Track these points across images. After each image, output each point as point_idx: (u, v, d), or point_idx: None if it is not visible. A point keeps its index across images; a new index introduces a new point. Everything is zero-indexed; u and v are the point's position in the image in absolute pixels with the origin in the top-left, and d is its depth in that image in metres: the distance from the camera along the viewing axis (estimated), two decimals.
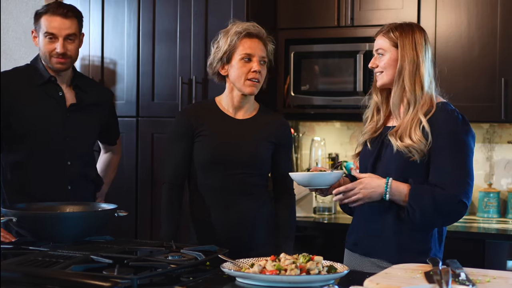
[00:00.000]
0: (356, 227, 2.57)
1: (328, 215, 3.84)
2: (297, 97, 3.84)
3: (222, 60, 2.74)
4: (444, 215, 2.38)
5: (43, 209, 2.57)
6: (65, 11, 2.95)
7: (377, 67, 2.50)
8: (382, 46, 2.48)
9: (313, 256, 2.02)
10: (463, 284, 1.84)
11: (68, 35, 2.94)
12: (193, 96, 3.76)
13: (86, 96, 3.05)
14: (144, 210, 3.89)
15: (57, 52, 2.92)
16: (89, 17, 4.02)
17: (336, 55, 3.79)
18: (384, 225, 2.44)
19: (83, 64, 4.04)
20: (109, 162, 3.35)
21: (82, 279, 1.80)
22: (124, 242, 2.39)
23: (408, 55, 2.43)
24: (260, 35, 2.74)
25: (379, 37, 2.50)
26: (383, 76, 2.48)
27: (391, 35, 2.46)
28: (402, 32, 2.46)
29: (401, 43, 2.44)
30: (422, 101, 2.42)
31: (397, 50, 2.45)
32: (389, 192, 2.36)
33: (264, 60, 2.74)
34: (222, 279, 2.02)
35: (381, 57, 2.49)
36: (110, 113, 3.22)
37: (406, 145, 2.37)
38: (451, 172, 2.35)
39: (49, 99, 2.97)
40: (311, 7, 3.84)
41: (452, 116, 2.41)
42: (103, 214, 2.50)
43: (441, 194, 2.33)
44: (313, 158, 4.04)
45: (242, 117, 2.79)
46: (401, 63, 2.43)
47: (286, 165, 2.84)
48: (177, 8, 3.82)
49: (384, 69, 2.47)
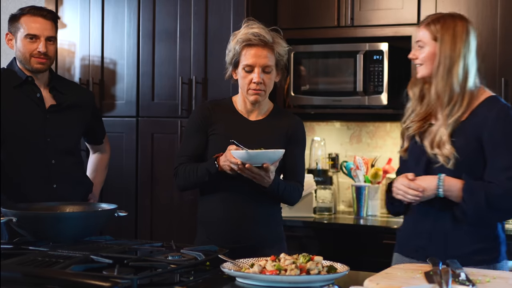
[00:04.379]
0: (417, 233, 2.46)
1: (328, 215, 3.84)
2: (297, 97, 3.84)
3: (231, 65, 2.74)
4: (498, 211, 2.34)
5: (43, 209, 2.57)
6: (45, 13, 3.02)
7: (416, 59, 2.44)
8: (422, 39, 2.42)
9: (313, 256, 2.02)
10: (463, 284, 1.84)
11: (49, 36, 3.00)
12: (193, 96, 3.76)
13: (65, 98, 3.07)
14: (144, 210, 3.89)
15: (39, 51, 2.96)
16: (89, 17, 4.02)
17: (336, 55, 3.78)
18: (453, 234, 2.38)
19: (83, 64, 4.04)
20: (98, 162, 3.36)
21: (82, 279, 1.80)
22: (124, 242, 2.38)
23: (445, 51, 2.37)
24: (263, 43, 2.67)
25: (421, 29, 2.43)
26: (423, 69, 2.42)
27: (431, 28, 2.39)
28: (444, 25, 2.38)
29: (441, 38, 2.38)
30: (460, 98, 2.37)
31: (436, 44, 2.39)
32: (442, 187, 2.32)
33: (269, 69, 2.69)
34: (222, 279, 2.02)
35: (421, 49, 2.42)
36: (92, 113, 3.23)
37: (440, 154, 2.35)
38: (506, 168, 2.31)
39: (27, 100, 2.99)
40: (311, 7, 3.84)
41: (504, 111, 2.36)
42: (103, 214, 2.50)
43: (496, 189, 2.30)
44: (313, 158, 4.04)
45: (255, 118, 2.78)
46: (438, 58, 2.38)
47: (299, 161, 2.81)
48: (177, 8, 3.82)
49: (423, 62, 2.41)
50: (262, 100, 2.74)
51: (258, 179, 2.58)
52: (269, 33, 2.70)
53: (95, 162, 3.36)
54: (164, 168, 3.82)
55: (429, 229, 2.42)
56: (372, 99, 3.67)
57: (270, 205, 2.79)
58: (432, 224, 2.41)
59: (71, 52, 4.09)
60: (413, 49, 2.47)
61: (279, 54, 2.72)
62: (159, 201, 3.87)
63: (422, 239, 2.43)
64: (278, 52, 2.72)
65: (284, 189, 2.68)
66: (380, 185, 3.90)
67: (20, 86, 3.00)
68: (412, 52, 2.47)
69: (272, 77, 2.72)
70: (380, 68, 3.65)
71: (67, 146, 3.06)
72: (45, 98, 3.03)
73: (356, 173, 3.91)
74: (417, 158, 2.46)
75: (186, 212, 3.75)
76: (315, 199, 3.85)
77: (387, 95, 3.65)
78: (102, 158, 3.37)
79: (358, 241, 3.54)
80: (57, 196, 2.92)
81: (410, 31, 3.65)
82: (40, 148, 2.98)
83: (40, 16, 2.98)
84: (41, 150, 2.98)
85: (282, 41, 2.75)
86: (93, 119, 3.23)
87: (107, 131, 3.41)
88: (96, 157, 3.37)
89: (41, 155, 2.98)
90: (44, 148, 2.98)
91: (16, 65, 3.03)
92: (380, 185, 3.90)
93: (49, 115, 3.01)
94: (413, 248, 2.45)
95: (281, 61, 2.75)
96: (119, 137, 3.92)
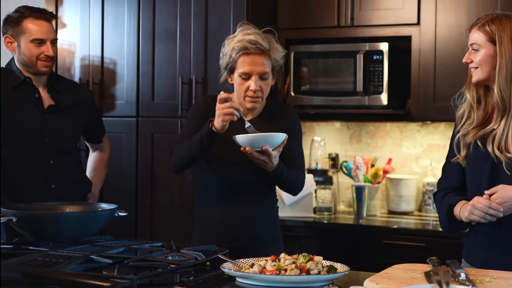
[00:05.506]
0: (488, 242, 2.34)
1: (328, 215, 3.84)
2: (297, 97, 3.84)
3: (226, 70, 2.72)
4: None
5: (43, 209, 2.57)
6: (47, 16, 3.03)
7: (471, 62, 2.34)
8: (476, 41, 2.31)
9: (313, 256, 2.02)
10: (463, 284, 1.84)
11: (53, 39, 3.02)
12: (193, 96, 3.75)
13: (64, 98, 3.08)
14: (144, 210, 3.89)
15: (46, 55, 2.98)
16: (89, 17, 4.02)
17: (336, 55, 3.78)
18: None
19: (83, 64, 4.04)
20: (97, 161, 3.36)
21: (82, 279, 1.80)
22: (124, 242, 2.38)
23: (506, 53, 2.26)
24: (259, 51, 2.64)
25: (474, 31, 2.33)
26: (479, 73, 2.32)
27: (487, 29, 2.29)
28: (500, 26, 2.28)
29: (499, 39, 2.27)
30: None
31: (493, 46, 2.28)
32: None
33: (266, 75, 2.67)
34: (222, 279, 2.02)
35: (475, 52, 2.32)
36: (92, 112, 3.23)
37: (505, 158, 2.26)
38: None
39: (26, 100, 2.99)
40: (311, 7, 3.83)
41: None
42: (103, 214, 2.50)
43: None
44: (313, 158, 4.04)
45: (251, 117, 2.77)
46: (500, 60, 2.27)
47: (297, 152, 2.80)
48: (177, 8, 3.82)
49: (479, 65, 2.31)
50: (257, 107, 2.73)
51: (261, 163, 2.57)
52: (265, 38, 2.67)
53: (94, 161, 3.36)
54: (164, 168, 3.82)
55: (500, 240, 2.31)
56: (372, 99, 3.67)
57: (268, 204, 2.79)
58: None
59: (71, 52, 4.09)
60: (467, 53, 2.36)
61: (275, 60, 2.70)
62: (159, 201, 3.87)
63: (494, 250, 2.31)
64: (275, 58, 2.69)
65: (288, 175, 2.67)
66: (380, 185, 3.90)
67: (18, 87, 3.00)
68: (466, 55, 2.36)
69: (269, 83, 2.70)
70: (380, 68, 3.65)
71: (66, 146, 3.06)
72: (44, 98, 3.04)
73: (356, 173, 3.91)
74: (480, 164, 2.34)
75: (186, 212, 3.74)
76: (315, 199, 3.85)
77: (387, 95, 3.65)
78: (102, 157, 3.37)
79: (358, 241, 3.54)
80: (56, 196, 2.92)
81: (410, 31, 3.65)
82: (38, 149, 2.98)
83: (43, 20, 2.99)
84: (39, 150, 2.98)
85: (278, 45, 2.73)
86: (93, 119, 3.24)
87: (107, 131, 3.42)
88: (95, 155, 3.37)
89: (39, 155, 2.98)
90: (42, 148, 2.98)
91: (14, 65, 3.03)
92: (380, 185, 3.90)
93: (48, 116, 3.01)
94: (481, 259, 2.33)
95: (277, 66, 2.72)
96: (119, 137, 3.92)
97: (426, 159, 3.96)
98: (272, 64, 2.69)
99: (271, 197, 2.82)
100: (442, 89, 3.59)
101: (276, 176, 2.63)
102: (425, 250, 3.33)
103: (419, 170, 4.00)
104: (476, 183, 2.35)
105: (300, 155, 2.82)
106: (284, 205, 3.65)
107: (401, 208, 3.88)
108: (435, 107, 3.61)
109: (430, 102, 3.62)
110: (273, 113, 2.80)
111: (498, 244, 2.30)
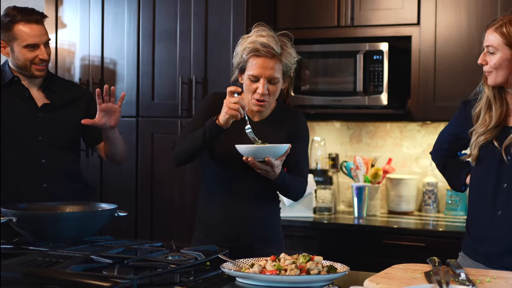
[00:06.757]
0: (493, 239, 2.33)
1: (328, 215, 3.84)
2: (297, 97, 3.84)
3: (238, 69, 2.69)
4: None
5: (43, 209, 2.57)
6: (38, 17, 2.96)
7: (486, 65, 2.28)
8: (493, 43, 2.24)
9: (313, 256, 2.02)
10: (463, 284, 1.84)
11: (47, 40, 2.99)
12: (193, 96, 3.75)
13: (58, 96, 3.06)
14: (144, 210, 3.89)
15: (40, 59, 2.95)
16: (89, 17, 4.02)
17: (336, 55, 3.78)
18: None
19: (83, 64, 4.04)
20: None
21: (82, 279, 1.80)
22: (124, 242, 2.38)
23: None
24: (270, 55, 2.58)
25: (490, 32, 2.26)
26: (494, 76, 2.27)
27: (504, 31, 2.21)
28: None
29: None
30: None
31: (510, 50, 2.22)
32: None
33: (275, 80, 2.62)
34: (222, 279, 2.02)
35: (491, 55, 2.26)
36: (87, 112, 3.11)
37: None
38: None
39: (17, 99, 2.98)
40: (311, 7, 3.84)
41: None
42: (103, 214, 2.50)
43: None
44: (313, 158, 4.04)
45: (259, 119, 2.77)
46: None
47: (302, 157, 2.78)
48: (177, 8, 3.82)
49: (494, 69, 2.26)
50: (264, 110, 2.70)
51: (263, 172, 2.56)
52: (278, 42, 2.61)
53: None
54: (164, 168, 3.82)
55: None
56: (372, 99, 3.67)
57: (270, 205, 2.79)
58: None
59: (71, 52, 4.09)
60: (482, 54, 2.31)
61: (286, 65, 2.65)
62: (159, 201, 3.87)
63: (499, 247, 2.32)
64: (286, 63, 2.64)
65: (289, 183, 2.66)
66: (380, 185, 3.90)
67: (8, 85, 2.99)
68: (481, 57, 2.30)
69: (278, 87, 2.66)
70: (380, 68, 3.65)
71: (61, 143, 3.04)
72: (38, 97, 3.02)
73: (356, 173, 3.91)
74: (496, 163, 2.31)
75: (186, 212, 3.75)
76: (315, 199, 3.85)
77: (387, 95, 3.65)
78: None
79: (358, 241, 3.54)
80: (48, 195, 2.90)
81: (410, 31, 3.65)
82: (30, 146, 2.96)
83: (35, 23, 2.93)
84: (31, 148, 2.96)
85: (292, 50, 2.67)
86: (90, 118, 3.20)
87: None
88: None
89: (32, 153, 2.96)
90: (35, 146, 2.97)
91: (7, 64, 3.02)
92: (380, 185, 3.90)
93: (42, 113, 3.00)
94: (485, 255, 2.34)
95: (288, 71, 2.68)
96: None
97: (426, 159, 3.96)
98: (283, 69, 2.64)
99: (274, 198, 2.82)
100: (442, 89, 3.59)
101: (278, 184, 2.63)
102: (425, 250, 3.33)
103: (419, 170, 4.00)
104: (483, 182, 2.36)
105: (304, 161, 2.80)
106: (284, 205, 3.65)
107: (401, 208, 3.89)
108: (435, 107, 3.61)
109: (430, 102, 3.62)
110: (281, 117, 2.78)
111: (499, 241, 2.32)
